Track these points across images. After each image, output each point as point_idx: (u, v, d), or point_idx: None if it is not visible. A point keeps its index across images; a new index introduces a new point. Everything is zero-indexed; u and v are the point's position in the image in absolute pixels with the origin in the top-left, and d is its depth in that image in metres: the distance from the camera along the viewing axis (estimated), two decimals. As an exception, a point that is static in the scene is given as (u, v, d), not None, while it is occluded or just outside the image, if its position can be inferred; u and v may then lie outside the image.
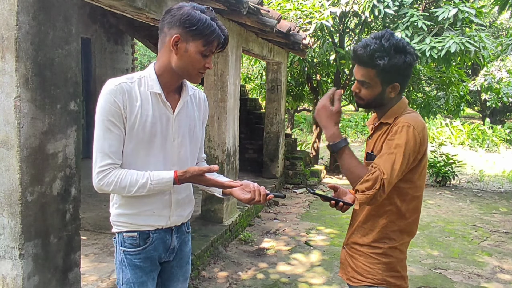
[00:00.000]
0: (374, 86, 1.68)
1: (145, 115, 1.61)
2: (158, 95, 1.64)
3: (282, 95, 7.62)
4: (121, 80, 1.61)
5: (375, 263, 1.74)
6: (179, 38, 1.56)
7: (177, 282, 1.89)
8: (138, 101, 1.60)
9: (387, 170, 1.58)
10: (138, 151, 1.63)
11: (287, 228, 5.44)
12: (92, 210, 4.98)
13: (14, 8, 1.87)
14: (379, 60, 1.62)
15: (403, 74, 1.68)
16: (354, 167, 1.67)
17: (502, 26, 17.50)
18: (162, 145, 1.67)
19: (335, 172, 9.10)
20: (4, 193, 1.97)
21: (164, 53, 1.62)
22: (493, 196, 7.85)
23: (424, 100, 8.55)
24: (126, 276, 1.72)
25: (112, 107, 1.56)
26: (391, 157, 1.60)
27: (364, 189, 1.60)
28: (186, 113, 1.74)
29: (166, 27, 1.59)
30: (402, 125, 1.63)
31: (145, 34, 8.11)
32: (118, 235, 1.74)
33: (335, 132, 1.70)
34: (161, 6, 3.21)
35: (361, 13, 6.98)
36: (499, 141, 14.74)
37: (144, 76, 1.65)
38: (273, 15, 4.83)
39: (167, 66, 1.63)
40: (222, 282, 3.84)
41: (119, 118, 1.58)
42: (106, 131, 1.57)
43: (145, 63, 25.48)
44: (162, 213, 1.72)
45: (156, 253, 1.75)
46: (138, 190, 1.59)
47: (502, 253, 4.84)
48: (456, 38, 6.06)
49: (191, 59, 1.58)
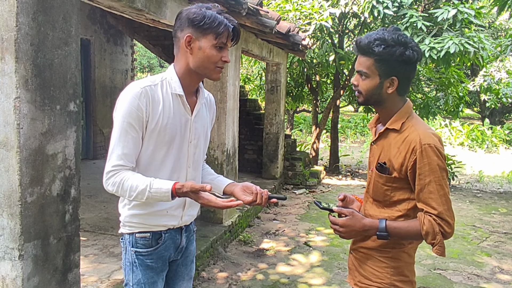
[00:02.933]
0: (372, 77, 1.64)
1: (167, 117, 1.64)
2: (179, 97, 1.67)
3: (282, 96, 7.62)
4: (145, 84, 1.62)
5: (384, 266, 1.71)
6: (191, 37, 1.60)
7: (182, 281, 1.90)
8: (161, 104, 1.63)
9: (435, 204, 1.56)
10: (157, 152, 1.65)
11: (287, 229, 5.44)
12: (91, 211, 4.98)
13: (14, 9, 1.87)
14: (376, 47, 1.59)
15: (402, 69, 1.62)
16: (407, 231, 1.62)
17: (501, 27, 17.52)
18: (180, 147, 1.69)
19: (334, 173, 9.11)
20: (4, 194, 1.97)
21: (181, 56, 1.66)
22: (492, 196, 7.86)
23: (424, 101, 8.55)
24: (137, 276, 1.73)
25: (134, 109, 1.57)
26: (431, 187, 1.57)
27: (432, 241, 1.58)
28: (201, 116, 1.78)
29: (178, 31, 1.64)
30: (422, 147, 1.58)
31: (144, 35, 8.10)
32: (129, 236, 1.74)
33: (369, 225, 1.65)
34: (161, 7, 3.22)
35: (361, 14, 6.99)
36: (499, 141, 14.76)
37: (165, 78, 1.68)
38: (272, 16, 4.83)
39: (186, 68, 1.66)
40: (222, 282, 3.84)
41: (139, 122, 1.59)
42: (123, 133, 1.59)
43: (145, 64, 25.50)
44: (175, 213, 1.74)
45: (167, 252, 1.77)
46: (138, 196, 1.58)
47: (501, 254, 4.85)
48: (456, 39, 6.06)
49: (206, 54, 1.61)
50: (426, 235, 1.57)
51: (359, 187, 7.97)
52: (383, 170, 1.68)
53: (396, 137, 1.66)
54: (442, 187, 1.57)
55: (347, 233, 1.66)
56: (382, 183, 1.69)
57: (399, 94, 1.68)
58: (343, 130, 16.18)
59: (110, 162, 1.60)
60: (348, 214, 1.66)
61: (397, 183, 1.66)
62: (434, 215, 1.56)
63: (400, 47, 1.59)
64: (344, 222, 1.65)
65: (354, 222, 1.65)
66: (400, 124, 1.66)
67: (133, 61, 9.53)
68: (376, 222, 1.64)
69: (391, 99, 1.68)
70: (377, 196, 1.73)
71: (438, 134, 1.64)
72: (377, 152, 1.74)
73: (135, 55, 9.87)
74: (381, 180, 1.69)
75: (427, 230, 1.56)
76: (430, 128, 1.66)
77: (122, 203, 1.76)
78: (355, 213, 1.66)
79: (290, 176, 7.90)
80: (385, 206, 1.71)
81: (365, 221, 1.65)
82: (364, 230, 1.65)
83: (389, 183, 1.67)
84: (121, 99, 1.61)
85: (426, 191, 1.57)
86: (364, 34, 1.68)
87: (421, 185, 1.59)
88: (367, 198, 1.80)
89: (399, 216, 1.68)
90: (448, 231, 1.57)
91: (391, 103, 1.69)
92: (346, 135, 15.97)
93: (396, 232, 1.63)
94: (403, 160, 1.61)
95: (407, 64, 1.62)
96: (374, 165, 1.73)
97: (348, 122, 18.13)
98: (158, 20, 3.38)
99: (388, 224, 1.62)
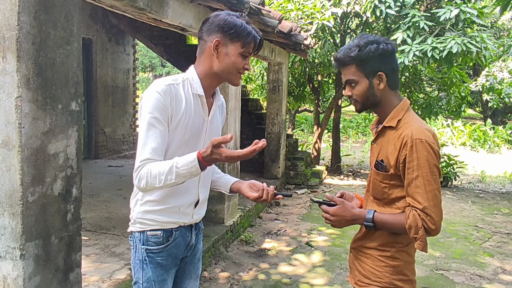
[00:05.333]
0: (361, 81, 1.69)
1: (189, 116, 1.66)
2: (200, 97, 1.71)
3: (283, 95, 7.61)
4: (169, 81, 1.65)
5: (383, 266, 1.72)
6: (220, 42, 1.65)
7: (189, 279, 1.92)
8: (183, 102, 1.65)
9: (421, 199, 1.57)
10: (176, 151, 1.66)
11: (288, 229, 5.43)
12: (93, 211, 4.98)
13: (16, 8, 1.87)
14: (351, 53, 1.67)
15: (383, 61, 1.68)
16: (393, 223, 1.65)
17: (503, 27, 17.47)
18: (194, 147, 1.71)
19: (336, 173, 9.09)
20: (5, 194, 1.97)
21: (206, 58, 1.70)
22: (494, 197, 7.84)
23: (426, 100, 8.54)
24: (147, 274, 1.74)
25: (160, 104, 1.59)
26: (418, 182, 1.58)
27: (414, 235, 1.59)
28: (216, 117, 1.83)
29: (205, 35, 1.69)
30: (413, 142, 1.59)
31: (146, 35, 8.11)
32: (139, 234, 1.74)
33: (358, 214, 1.70)
34: (163, 6, 3.21)
35: (363, 13, 6.97)
36: (501, 141, 14.72)
37: (187, 78, 1.71)
38: (274, 15, 4.83)
39: (209, 71, 1.70)
40: (224, 282, 3.84)
41: (165, 117, 1.61)
42: (151, 128, 1.59)
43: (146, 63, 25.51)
44: (186, 211, 1.77)
45: (177, 250, 1.79)
46: (167, 177, 1.53)
47: (504, 254, 4.83)
48: (458, 38, 6.04)
49: (231, 60, 1.66)
50: (409, 228, 1.59)
51: (360, 187, 7.95)
52: (381, 167, 1.71)
53: (393, 134, 1.69)
54: (430, 183, 1.58)
55: (337, 222, 1.72)
56: (379, 180, 1.72)
57: (391, 88, 1.72)
58: (345, 130, 16.17)
59: (139, 158, 1.59)
60: (338, 203, 1.71)
61: (394, 180, 1.68)
62: (419, 210, 1.57)
63: (372, 44, 1.67)
64: (334, 211, 1.71)
65: (343, 210, 1.70)
66: (396, 121, 1.70)
67: (135, 60, 9.53)
68: (365, 212, 1.70)
69: (385, 96, 1.72)
70: (376, 194, 1.76)
71: (432, 131, 1.66)
72: (376, 151, 1.78)
73: (137, 55, 9.88)
74: (379, 177, 1.72)
75: (410, 224, 1.58)
76: (425, 125, 1.68)
77: (134, 199, 1.76)
78: (346, 203, 1.72)
79: (291, 176, 7.89)
80: (385, 204, 1.73)
81: (355, 210, 1.71)
82: (354, 219, 1.71)
83: (386, 180, 1.70)
84: (146, 96, 1.62)
85: (413, 185, 1.59)
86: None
87: (408, 179, 1.61)
88: (368, 197, 1.83)
89: (395, 214, 1.69)
90: (432, 227, 1.57)
91: (386, 101, 1.73)
92: (347, 135, 15.96)
93: (382, 224, 1.67)
94: (397, 155, 1.64)
95: (385, 56, 1.68)
96: (373, 164, 1.77)
97: (350, 122, 18.11)
98: (160, 20, 3.37)
99: (375, 216, 1.67)
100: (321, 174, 8.20)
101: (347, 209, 1.70)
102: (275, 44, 6.55)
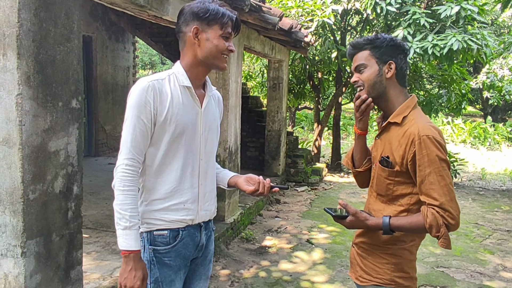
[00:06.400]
0: (371, 65, 1.71)
1: (177, 109, 1.67)
2: (188, 89, 1.71)
3: (284, 93, 7.60)
4: (152, 78, 1.67)
5: (384, 263, 1.73)
6: (198, 29, 1.67)
7: (199, 280, 1.89)
8: (169, 97, 1.66)
9: (436, 195, 1.56)
10: (170, 146, 1.68)
11: (289, 226, 5.44)
12: (94, 208, 4.98)
13: (16, 5, 1.86)
14: (368, 39, 1.73)
15: (396, 53, 1.71)
16: (411, 226, 1.63)
17: (504, 24, 17.44)
18: (191, 139, 1.72)
19: (336, 170, 9.10)
20: (6, 191, 1.96)
21: (188, 49, 1.71)
22: (495, 194, 7.84)
23: (426, 98, 8.52)
24: (154, 275, 1.72)
25: (142, 103, 1.61)
26: (432, 178, 1.57)
27: (436, 234, 1.57)
28: (211, 108, 1.82)
29: (183, 26, 1.71)
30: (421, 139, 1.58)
31: (146, 32, 8.09)
32: (147, 234, 1.74)
33: (373, 225, 1.69)
34: (163, 3, 3.20)
35: (363, 10, 6.96)
36: (501, 139, 14.71)
37: (172, 73, 1.72)
38: (275, 12, 4.82)
39: (193, 60, 1.71)
40: (224, 280, 3.84)
41: (147, 115, 1.62)
42: (132, 126, 1.62)
43: (146, 61, 25.48)
44: (191, 207, 1.75)
45: (186, 250, 1.76)
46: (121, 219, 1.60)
47: (504, 251, 4.83)
48: (459, 35, 6.03)
49: (214, 44, 1.67)
50: (430, 228, 1.57)
51: (361, 184, 7.94)
52: (386, 163, 1.70)
53: (397, 130, 1.69)
54: (443, 178, 1.57)
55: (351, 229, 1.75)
56: (384, 176, 1.72)
57: (399, 83, 1.73)
58: (345, 128, 16.15)
59: (121, 156, 1.64)
60: (351, 212, 1.70)
61: (399, 177, 1.68)
62: (437, 207, 1.56)
63: (389, 37, 1.73)
64: (348, 224, 1.72)
65: (357, 222, 1.71)
66: (401, 118, 1.69)
67: (135, 58, 9.52)
68: (380, 222, 1.67)
69: (392, 89, 1.73)
70: (380, 190, 1.75)
71: (438, 128, 1.66)
72: (380, 147, 1.77)
73: (137, 52, 9.87)
74: (384, 174, 1.71)
75: (431, 223, 1.56)
76: (430, 122, 1.68)
77: (139, 200, 1.75)
78: (358, 214, 1.70)
79: (292, 173, 7.89)
80: (388, 201, 1.73)
81: (369, 222, 1.69)
82: (369, 230, 1.72)
83: (391, 177, 1.69)
84: (130, 94, 1.65)
85: (427, 182, 1.58)
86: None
87: (421, 177, 1.59)
88: (371, 193, 1.83)
89: (402, 211, 1.69)
90: (452, 222, 1.56)
91: (392, 95, 1.73)
92: (348, 132, 15.94)
93: (400, 229, 1.65)
94: (404, 153, 1.63)
95: (399, 50, 1.72)
96: (378, 160, 1.76)
97: (350, 119, 18.08)
98: (160, 17, 3.36)
99: (391, 223, 1.65)
100: (322, 172, 8.20)
101: (361, 221, 1.70)
102: (275, 41, 6.54)
